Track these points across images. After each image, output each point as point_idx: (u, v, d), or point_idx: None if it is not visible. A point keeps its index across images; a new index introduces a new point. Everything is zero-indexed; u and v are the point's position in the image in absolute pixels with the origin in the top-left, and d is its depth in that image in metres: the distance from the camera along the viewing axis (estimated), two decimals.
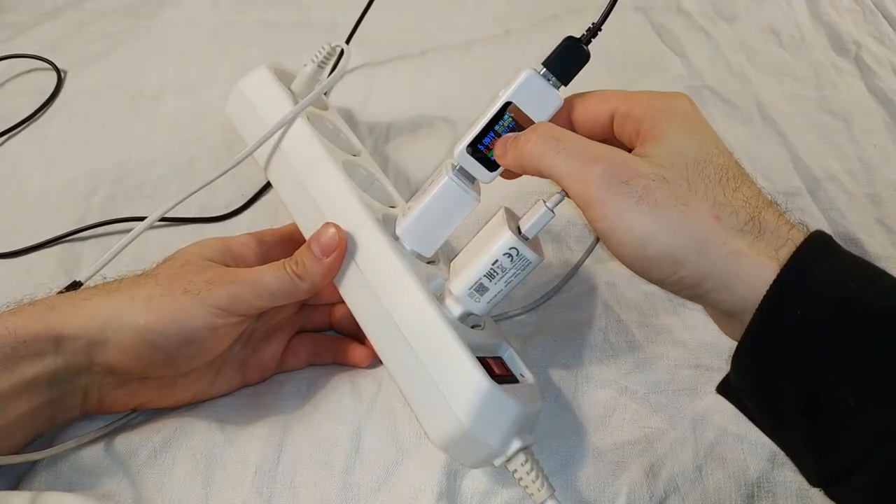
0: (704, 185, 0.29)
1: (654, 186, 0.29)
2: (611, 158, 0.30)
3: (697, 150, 0.30)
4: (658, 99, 0.33)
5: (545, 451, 0.37)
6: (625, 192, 0.29)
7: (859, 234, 0.49)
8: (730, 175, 0.30)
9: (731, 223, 0.29)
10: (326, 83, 0.44)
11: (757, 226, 0.29)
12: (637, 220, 0.29)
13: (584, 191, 0.30)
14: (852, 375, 0.26)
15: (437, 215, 0.36)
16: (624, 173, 0.29)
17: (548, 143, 0.31)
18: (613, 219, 0.29)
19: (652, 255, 0.29)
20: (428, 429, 0.33)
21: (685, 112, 0.32)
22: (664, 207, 0.29)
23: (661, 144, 0.31)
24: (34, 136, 0.57)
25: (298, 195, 0.40)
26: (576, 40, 0.33)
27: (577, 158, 0.30)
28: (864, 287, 0.27)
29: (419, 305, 0.34)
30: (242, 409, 0.40)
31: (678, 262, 0.29)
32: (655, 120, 0.32)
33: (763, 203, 0.30)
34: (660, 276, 0.30)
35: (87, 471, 0.36)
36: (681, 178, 0.29)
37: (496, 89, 0.34)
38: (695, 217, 0.28)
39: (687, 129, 0.31)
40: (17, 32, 0.66)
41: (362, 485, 0.37)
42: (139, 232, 0.40)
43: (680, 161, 0.30)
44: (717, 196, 0.29)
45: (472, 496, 0.36)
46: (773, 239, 0.28)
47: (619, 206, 0.29)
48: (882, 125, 0.57)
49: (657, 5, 0.68)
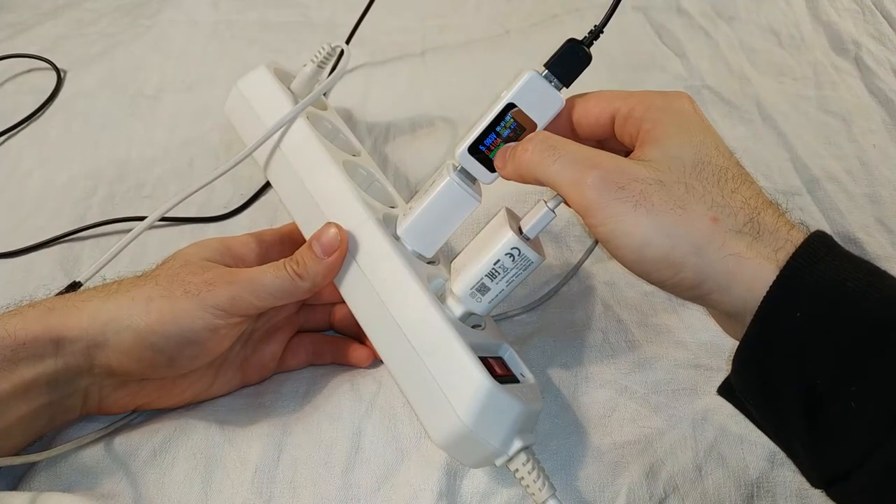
0: (702, 187, 0.29)
1: (650, 191, 0.29)
2: (606, 165, 0.30)
3: (696, 151, 0.30)
4: (658, 99, 0.33)
5: (545, 450, 0.37)
6: (621, 197, 0.29)
7: (859, 234, 0.49)
8: (729, 176, 0.30)
9: (729, 224, 0.29)
10: (326, 83, 0.44)
11: (756, 227, 0.29)
12: (634, 224, 0.29)
13: (581, 197, 0.30)
14: (852, 376, 0.26)
15: (439, 216, 0.36)
16: (620, 179, 0.29)
17: (544, 151, 0.31)
18: (611, 224, 0.29)
19: (651, 259, 0.29)
20: (429, 428, 0.33)
21: (685, 112, 0.32)
22: (661, 211, 0.29)
23: (659, 147, 0.31)
24: (34, 136, 0.57)
25: (298, 195, 0.40)
26: (577, 42, 0.33)
27: (574, 166, 0.30)
28: (864, 287, 0.26)
29: (421, 305, 0.34)
30: (242, 410, 0.40)
31: (677, 265, 0.29)
32: (655, 121, 0.32)
33: (763, 204, 0.30)
34: (659, 279, 0.30)
35: (87, 471, 0.36)
36: (678, 181, 0.29)
37: (496, 89, 0.34)
38: (692, 220, 0.28)
39: (686, 131, 0.31)
40: (17, 32, 0.66)
41: (362, 485, 0.37)
42: (138, 232, 0.40)
43: (677, 164, 0.30)
44: (715, 198, 0.29)
45: (472, 496, 0.36)
46: (772, 240, 0.28)
47: (617, 211, 0.29)
48: (881, 125, 0.57)
49: (657, 5, 0.68)
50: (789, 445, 0.30)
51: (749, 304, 0.28)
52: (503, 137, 0.34)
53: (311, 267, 0.36)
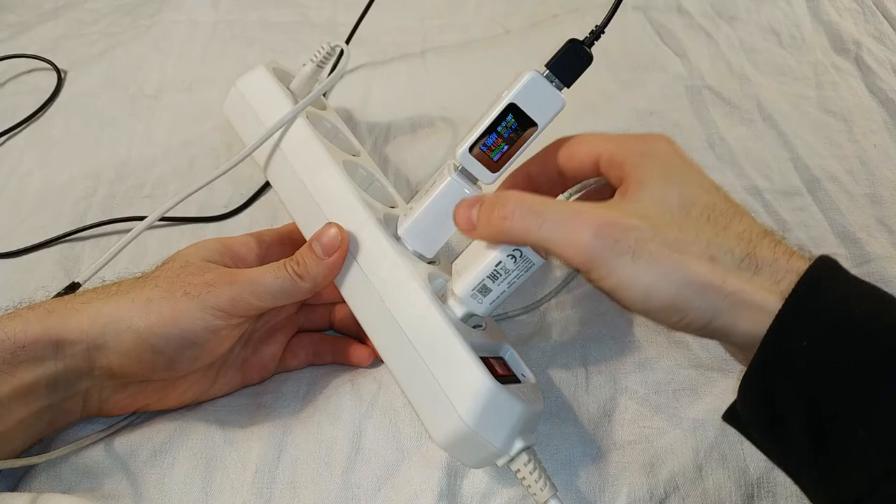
0: (694, 227, 0.30)
1: (645, 238, 0.29)
2: (596, 220, 0.30)
3: (680, 192, 0.31)
4: (638, 143, 0.33)
5: (545, 451, 0.37)
6: (618, 250, 0.29)
7: (859, 234, 0.49)
8: (718, 212, 0.30)
9: (727, 262, 0.29)
10: (326, 83, 0.44)
11: (754, 261, 0.29)
12: (635, 275, 0.29)
13: (579, 257, 0.30)
14: (860, 404, 0.26)
15: (440, 216, 0.36)
16: (612, 232, 0.29)
17: (527, 217, 0.31)
18: (614, 278, 0.29)
19: (657, 306, 0.29)
20: (431, 429, 0.33)
21: (665, 155, 0.33)
22: (659, 259, 0.29)
23: (644, 191, 0.31)
24: (34, 135, 0.57)
25: (299, 195, 0.40)
26: (579, 42, 0.33)
27: (563, 226, 0.30)
28: (872, 314, 0.26)
29: (422, 306, 0.34)
30: (242, 410, 0.40)
31: (682, 310, 0.29)
32: (636, 165, 0.32)
33: (757, 235, 0.30)
34: (668, 322, 0.30)
35: (87, 472, 0.36)
36: (669, 225, 0.30)
37: (496, 89, 0.34)
38: (690, 263, 0.29)
39: (668, 173, 0.32)
40: (18, 32, 0.66)
41: (362, 485, 0.36)
42: (138, 233, 0.40)
43: (665, 208, 0.30)
44: (709, 237, 0.29)
45: (473, 496, 0.36)
46: (772, 272, 0.28)
47: (616, 264, 0.29)
48: (882, 125, 0.57)
49: (657, 5, 0.68)
50: (796, 472, 0.30)
51: (756, 337, 0.28)
52: (504, 138, 0.34)
53: (311, 267, 0.36)
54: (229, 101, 0.45)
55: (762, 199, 0.51)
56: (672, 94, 0.59)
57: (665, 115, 0.57)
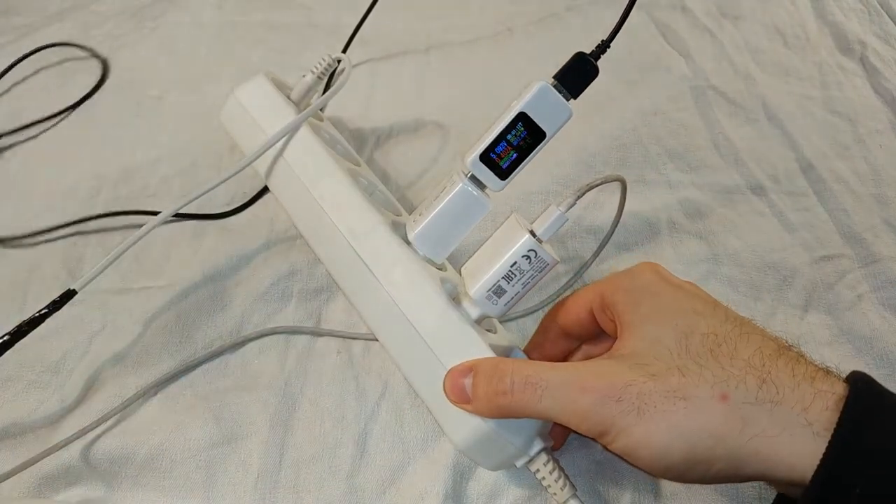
0: (697, 364, 0.28)
1: (646, 391, 0.27)
2: (593, 383, 0.28)
3: (675, 326, 0.29)
4: (622, 280, 0.32)
5: (557, 451, 0.37)
6: (623, 410, 0.27)
7: (865, 235, 0.49)
8: (721, 339, 0.28)
9: (741, 397, 0.26)
10: (330, 92, 0.44)
11: (773, 389, 0.26)
12: (646, 434, 0.27)
13: (584, 424, 0.28)
14: None
15: (451, 221, 0.37)
16: (612, 392, 0.28)
17: (526, 391, 0.30)
18: (623, 439, 0.28)
19: (676, 463, 0.27)
20: (450, 432, 0.34)
21: (651, 286, 0.31)
22: (665, 410, 0.27)
23: (636, 334, 0.30)
24: (38, 136, 0.57)
25: (303, 203, 0.40)
26: (585, 56, 0.34)
27: (563, 397, 0.29)
28: None
29: (440, 308, 0.35)
30: (243, 411, 0.40)
31: (705, 462, 0.27)
32: (626, 305, 0.31)
33: (769, 356, 0.27)
34: (695, 478, 0.28)
35: (84, 473, 0.36)
36: (669, 369, 0.28)
37: (501, 90, 0.34)
38: (700, 408, 0.26)
39: (658, 307, 0.30)
40: (23, 34, 0.66)
41: (367, 488, 0.36)
42: (140, 237, 0.40)
43: (661, 349, 0.28)
44: (715, 372, 0.27)
45: (478, 498, 0.36)
46: (797, 399, 0.26)
47: (623, 425, 0.27)
48: (888, 125, 0.57)
49: (661, 4, 0.68)
50: None
51: (796, 480, 0.25)
52: (514, 146, 0.34)
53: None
54: (227, 109, 0.45)
55: (767, 200, 0.51)
56: (677, 95, 0.59)
57: (670, 115, 0.57)
